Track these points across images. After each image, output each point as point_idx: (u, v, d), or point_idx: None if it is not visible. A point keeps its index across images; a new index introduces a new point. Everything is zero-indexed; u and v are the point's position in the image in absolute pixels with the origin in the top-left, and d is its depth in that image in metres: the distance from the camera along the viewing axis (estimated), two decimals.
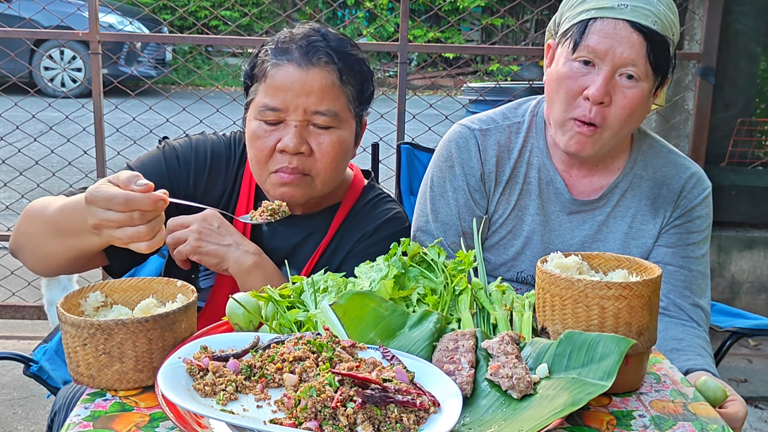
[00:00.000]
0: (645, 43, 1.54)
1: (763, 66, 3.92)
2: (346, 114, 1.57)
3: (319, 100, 1.52)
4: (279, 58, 1.53)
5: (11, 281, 4.00)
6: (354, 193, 1.73)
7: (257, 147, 1.55)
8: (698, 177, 1.76)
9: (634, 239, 1.75)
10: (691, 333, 1.69)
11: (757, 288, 3.96)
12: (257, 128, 1.54)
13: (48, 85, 8.92)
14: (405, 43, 3.46)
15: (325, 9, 12.77)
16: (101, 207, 1.22)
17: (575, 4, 1.62)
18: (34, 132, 4.23)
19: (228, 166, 1.68)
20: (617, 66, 1.55)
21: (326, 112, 1.53)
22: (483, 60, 13.38)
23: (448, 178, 1.78)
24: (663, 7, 1.56)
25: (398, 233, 1.70)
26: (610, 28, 1.54)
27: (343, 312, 1.24)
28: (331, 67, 1.53)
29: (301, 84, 1.51)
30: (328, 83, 1.53)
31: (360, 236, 1.68)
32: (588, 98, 1.57)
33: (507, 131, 1.77)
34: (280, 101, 1.51)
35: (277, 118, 1.53)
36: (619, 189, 1.74)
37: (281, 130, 1.53)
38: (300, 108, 1.51)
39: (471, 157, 1.76)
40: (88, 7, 3.39)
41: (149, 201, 1.22)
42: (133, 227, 1.23)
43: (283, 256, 1.65)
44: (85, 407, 1.12)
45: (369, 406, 0.98)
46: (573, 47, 1.58)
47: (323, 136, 1.54)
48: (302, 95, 1.51)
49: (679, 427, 1.11)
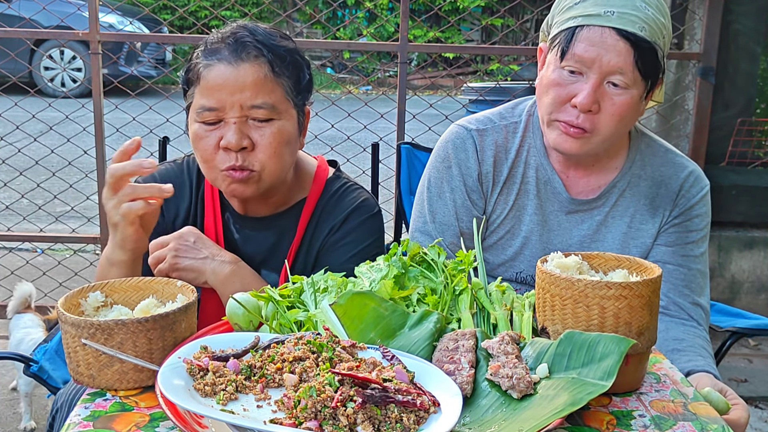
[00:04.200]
0: (632, 51, 1.52)
1: (763, 66, 3.92)
2: (284, 105, 1.58)
3: (254, 94, 1.53)
4: (210, 58, 1.55)
5: (11, 281, 4.00)
6: (319, 186, 1.73)
7: (201, 148, 1.57)
8: (696, 176, 1.76)
9: (633, 239, 1.75)
10: (691, 333, 1.69)
11: (757, 288, 3.96)
12: (198, 130, 1.57)
13: (48, 85, 8.92)
14: (405, 43, 3.46)
15: (325, 9, 12.77)
16: (107, 197, 1.42)
17: (564, 9, 1.61)
18: (35, 132, 4.23)
19: (184, 188, 1.72)
20: (605, 74, 1.55)
21: (263, 105, 1.54)
22: (483, 60, 13.38)
23: (446, 179, 1.78)
24: (652, 10, 1.54)
25: (367, 220, 1.70)
26: (597, 36, 1.53)
27: (343, 312, 1.24)
28: (261, 60, 1.55)
29: (234, 81, 1.52)
30: (261, 76, 1.54)
31: (329, 229, 1.69)
32: (576, 106, 1.57)
33: (504, 131, 1.77)
34: (215, 101, 1.53)
35: (216, 118, 1.55)
36: (618, 188, 1.74)
37: (222, 129, 1.55)
38: (236, 104, 1.53)
39: (468, 158, 1.76)
40: (88, 7, 3.39)
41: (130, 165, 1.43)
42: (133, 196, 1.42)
43: (260, 261, 1.68)
44: (86, 407, 1.13)
45: (369, 406, 0.98)
46: (561, 55, 1.57)
47: (263, 129, 1.56)
48: (236, 92, 1.52)
49: (679, 427, 1.11)
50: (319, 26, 13.44)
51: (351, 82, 12.51)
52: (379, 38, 12.40)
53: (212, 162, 1.57)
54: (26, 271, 4.03)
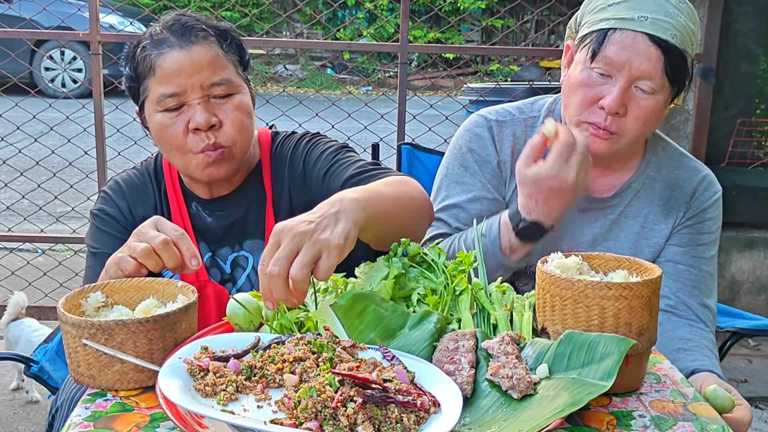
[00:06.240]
0: (662, 57, 1.54)
1: (763, 66, 3.92)
2: (238, 79, 1.62)
3: (211, 72, 1.57)
4: (160, 47, 1.57)
5: (12, 282, 4.00)
6: (266, 146, 1.76)
7: (170, 135, 1.58)
8: (710, 180, 1.78)
9: (645, 239, 1.76)
10: (698, 334, 1.70)
11: (757, 288, 3.96)
12: (162, 119, 1.58)
13: (49, 85, 8.91)
14: (405, 44, 3.46)
15: (325, 9, 12.76)
16: (140, 238, 1.32)
17: (596, 9, 1.62)
18: (35, 132, 4.24)
19: (148, 189, 1.73)
20: (633, 78, 1.56)
21: (221, 82, 1.58)
22: (483, 60, 13.38)
23: (464, 164, 1.78)
24: (684, 18, 1.56)
25: (311, 134, 1.77)
26: (629, 41, 1.54)
27: (343, 312, 1.24)
28: (210, 40, 1.59)
29: (190, 63, 1.55)
30: (214, 54, 1.58)
31: (290, 171, 1.71)
32: (603, 108, 1.58)
33: (522, 124, 1.79)
34: (176, 86, 1.55)
35: (178, 103, 1.56)
36: (633, 189, 1.76)
37: (186, 113, 1.56)
38: (197, 86, 1.55)
39: (486, 146, 1.77)
40: (89, 8, 3.39)
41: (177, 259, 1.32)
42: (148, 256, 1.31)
43: (240, 232, 1.69)
44: (86, 407, 1.13)
45: (369, 407, 0.98)
46: (591, 56, 1.58)
47: (225, 105, 1.59)
48: (195, 73, 1.55)
49: (679, 427, 1.11)
50: (320, 27, 13.44)
51: (351, 83, 12.50)
52: (379, 39, 12.39)
53: (183, 147, 1.58)
54: (27, 272, 4.03)
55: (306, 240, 1.15)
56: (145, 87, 1.59)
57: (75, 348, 1.17)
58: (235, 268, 1.70)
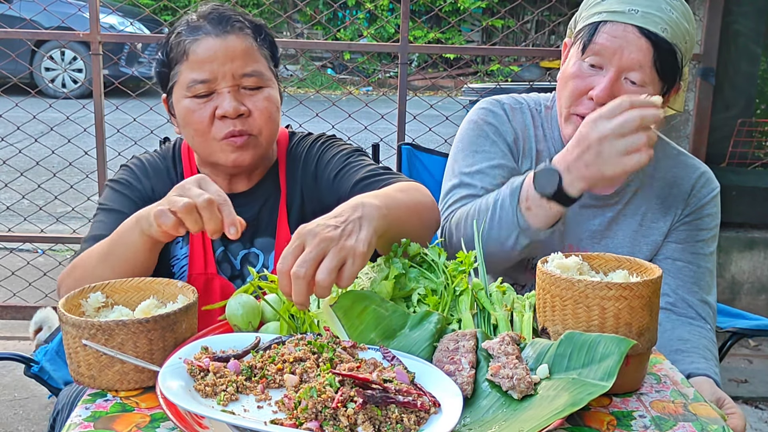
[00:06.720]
0: (652, 50, 1.55)
1: (763, 66, 3.92)
2: (269, 73, 1.64)
3: (244, 63, 1.58)
4: (195, 33, 1.58)
5: (12, 282, 4.00)
6: (283, 145, 1.77)
7: (196, 120, 1.58)
8: (707, 177, 1.79)
9: (644, 236, 1.77)
10: (697, 333, 1.70)
11: (758, 288, 3.96)
12: (190, 104, 1.58)
13: (49, 85, 8.90)
14: (405, 44, 3.46)
15: (325, 10, 12.76)
16: (183, 193, 1.26)
17: (590, 5, 1.64)
18: (35, 133, 4.24)
19: (169, 173, 1.72)
20: (623, 68, 1.56)
21: (253, 73, 1.59)
22: (483, 61, 13.38)
23: (483, 134, 1.77)
24: (677, 14, 1.57)
25: (327, 136, 1.78)
26: (619, 31, 1.55)
27: (343, 312, 1.24)
28: (246, 31, 1.60)
29: (224, 51, 1.56)
30: (248, 45, 1.59)
31: (303, 172, 1.71)
32: (593, 98, 1.59)
33: (531, 116, 1.80)
34: (207, 72, 1.56)
35: (207, 90, 1.57)
36: (631, 187, 1.76)
37: (215, 100, 1.57)
38: (228, 74, 1.56)
39: (503, 122, 1.77)
40: (89, 8, 3.40)
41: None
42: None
43: (248, 232, 1.68)
44: (86, 408, 1.13)
45: (370, 407, 0.98)
46: (582, 48, 1.60)
47: (256, 96, 1.60)
48: (227, 62, 1.56)
49: (680, 428, 1.11)
50: (320, 27, 13.43)
51: (351, 83, 12.50)
52: (379, 39, 12.40)
53: (208, 134, 1.58)
54: (27, 272, 4.03)
55: (333, 246, 1.16)
56: (176, 72, 1.60)
57: (75, 348, 1.17)
58: (245, 264, 1.70)
